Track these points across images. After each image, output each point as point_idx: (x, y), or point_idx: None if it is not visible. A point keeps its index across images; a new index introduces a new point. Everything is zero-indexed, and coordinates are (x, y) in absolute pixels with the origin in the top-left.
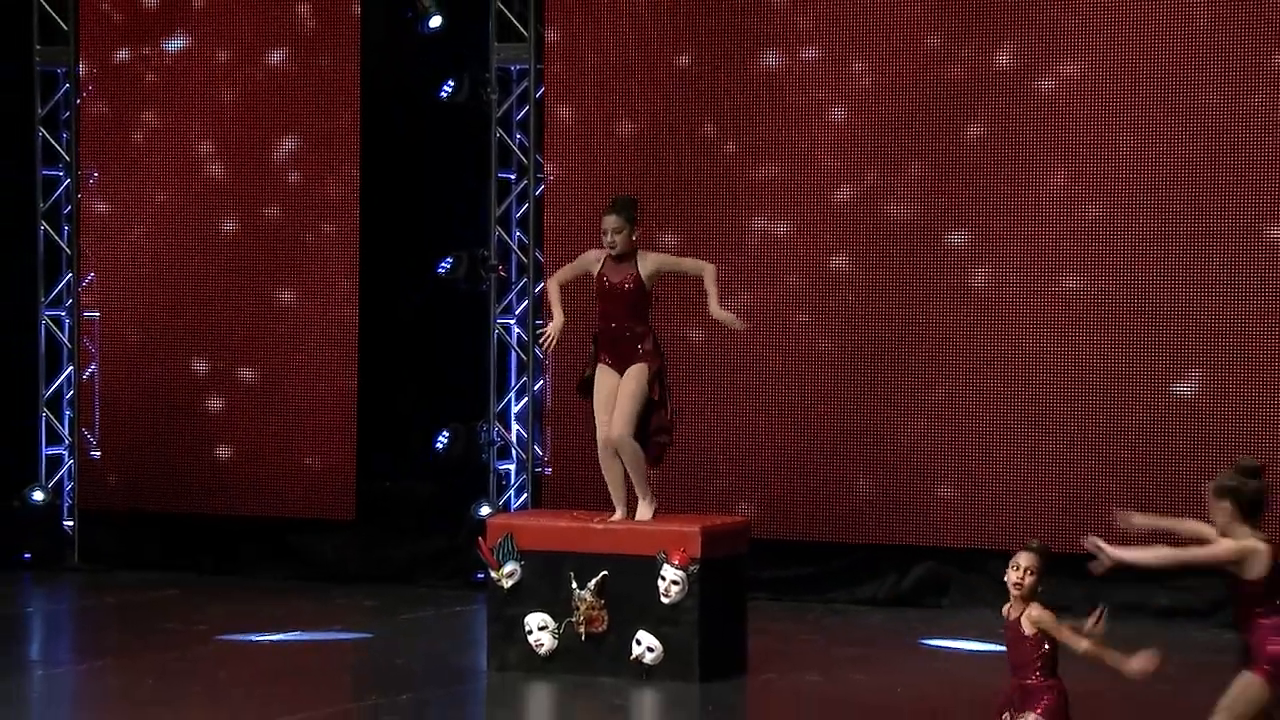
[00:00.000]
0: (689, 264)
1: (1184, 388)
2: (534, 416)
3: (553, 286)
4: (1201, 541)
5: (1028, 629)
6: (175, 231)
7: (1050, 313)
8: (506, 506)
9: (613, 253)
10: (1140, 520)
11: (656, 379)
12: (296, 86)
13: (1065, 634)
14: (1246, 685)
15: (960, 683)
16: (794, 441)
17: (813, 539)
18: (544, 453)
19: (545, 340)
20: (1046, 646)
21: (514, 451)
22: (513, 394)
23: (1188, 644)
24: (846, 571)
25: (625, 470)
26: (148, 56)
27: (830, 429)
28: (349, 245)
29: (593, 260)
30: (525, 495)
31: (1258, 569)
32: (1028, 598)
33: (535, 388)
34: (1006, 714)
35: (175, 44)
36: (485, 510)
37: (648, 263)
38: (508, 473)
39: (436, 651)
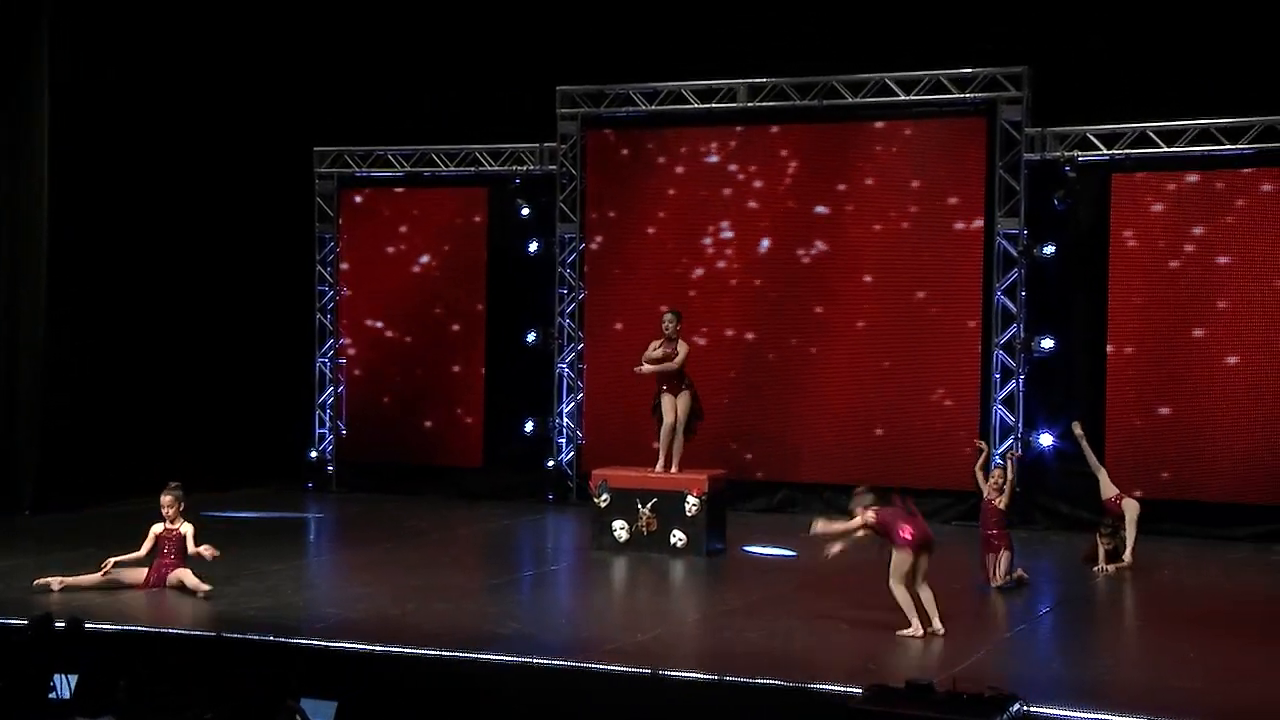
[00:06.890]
0: (680, 359)
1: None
2: (577, 414)
3: (646, 368)
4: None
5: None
6: (383, 320)
7: (845, 345)
8: (560, 463)
9: (667, 333)
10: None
11: (692, 398)
12: (457, 251)
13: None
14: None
15: (812, 546)
16: (735, 437)
17: (741, 479)
18: (581, 433)
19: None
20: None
21: (565, 432)
22: (565, 403)
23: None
24: (747, 495)
25: (673, 446)
26: (367, 234)
27: (751, 431)
28: (479, 326)
29: (655, 344)
30: (571, 455)
31: None
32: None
33: (577, 399)
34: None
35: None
36: (550, 463)
37: (680, 346)
38: (561, 444)
39: (554, 539)
